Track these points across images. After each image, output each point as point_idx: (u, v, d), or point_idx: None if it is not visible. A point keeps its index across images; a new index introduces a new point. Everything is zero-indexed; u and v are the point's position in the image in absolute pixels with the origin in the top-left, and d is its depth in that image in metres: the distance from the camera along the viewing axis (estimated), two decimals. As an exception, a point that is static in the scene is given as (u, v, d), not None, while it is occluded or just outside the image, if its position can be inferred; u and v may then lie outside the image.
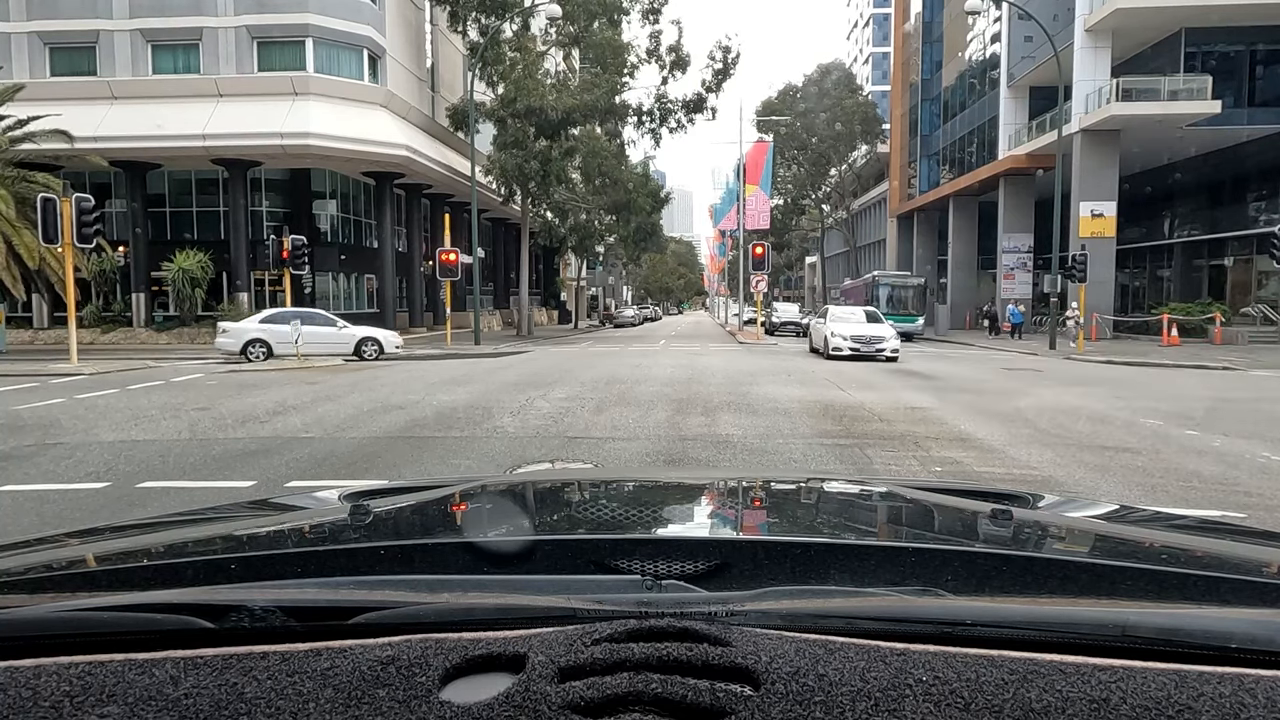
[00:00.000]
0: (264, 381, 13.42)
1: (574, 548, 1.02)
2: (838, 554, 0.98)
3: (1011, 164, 33.07)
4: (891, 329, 19.60)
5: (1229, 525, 1.27)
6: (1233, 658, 0.65)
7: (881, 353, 18.28)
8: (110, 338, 25.69)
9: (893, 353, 18.33)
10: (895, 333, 19.30)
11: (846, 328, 19.22)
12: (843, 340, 18.63)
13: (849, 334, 18.79)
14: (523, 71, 28.27)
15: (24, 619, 0.73)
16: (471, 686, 0.62)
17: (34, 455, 6.92)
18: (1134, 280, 34.39)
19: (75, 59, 27.47)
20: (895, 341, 18.66)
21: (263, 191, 29.88)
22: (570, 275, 53.92)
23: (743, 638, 0.65)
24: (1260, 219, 26.66)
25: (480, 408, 9.96)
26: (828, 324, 20.01)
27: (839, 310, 22.31)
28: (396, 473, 6.31)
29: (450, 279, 24.48)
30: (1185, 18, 26.11)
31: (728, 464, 6.59)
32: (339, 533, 1.20)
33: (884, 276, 35.25)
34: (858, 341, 18.51)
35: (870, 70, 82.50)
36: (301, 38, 27.07)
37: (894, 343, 18.58)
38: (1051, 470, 6.50)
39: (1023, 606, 0.81)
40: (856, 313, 21.34)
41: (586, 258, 46.98)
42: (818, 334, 21.04)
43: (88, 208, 15.70)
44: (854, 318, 20.50)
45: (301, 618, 0.72)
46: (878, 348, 18.33)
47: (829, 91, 52.09)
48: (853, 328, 19.21)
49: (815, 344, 21.30)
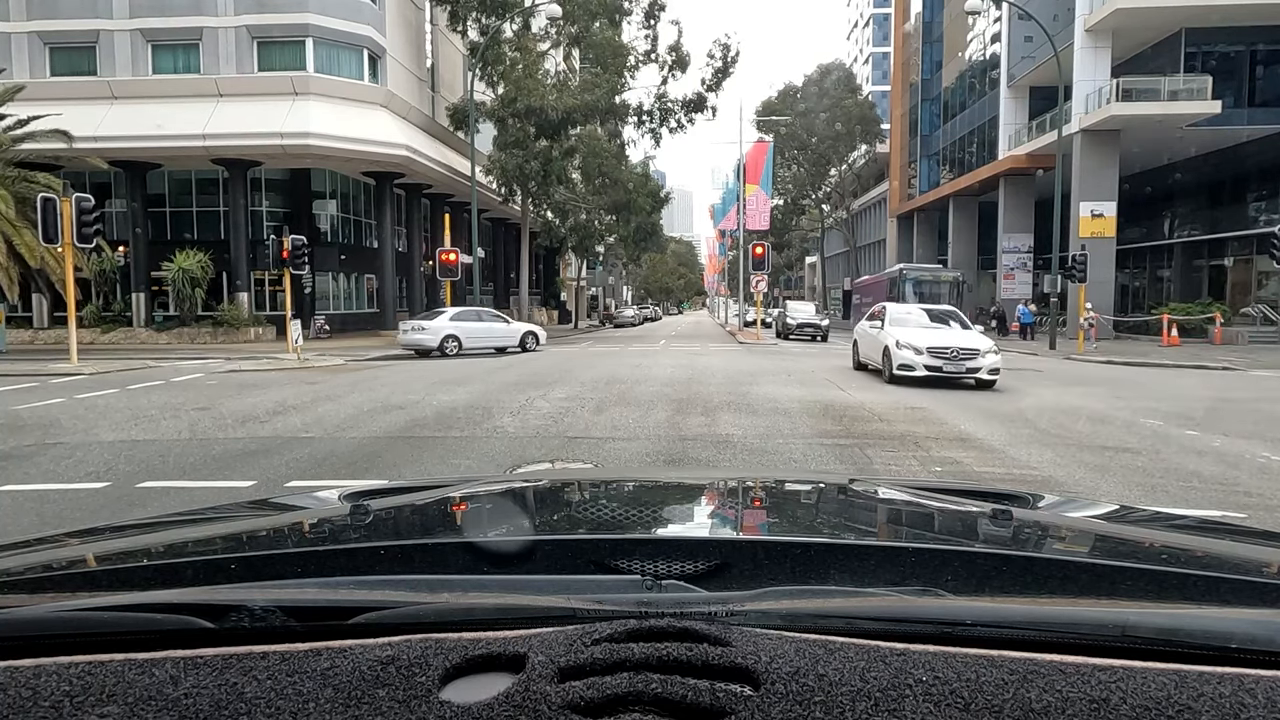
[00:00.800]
0: (264, 381, 13.42)
1: (574, 548, 1.02)
2: (838, 554, 0.98)
3: (1011, 164, 33.08)
4: (983, 337, 13.90)
5: (1229, 525, 1.27)
6: (1233, 658, 0.65)
7: (974, 373, 12.40)
8: (110, 338, 25.70)
9: (991, 373, 12.36)
10: (991, 343, 13.24)
11: (917, 335, 13.26)
12: (913, 354, 12.71)
13: (923, 344, 12.77)
14: (523, 71, 28.28)
15: (24, 619, 0.73)
16: (471, 686, 0.62)
17: (34, 455, 6.92)
18: (1134, 280, 34.39)
19: (75, 59, 27.47)
20: (994, 357, 12.53)
21: (263, 191, 29.89)
22: (570, 275, 53.93)
23: (743, 638, 0.65)
24: (1260, 219, 26.66)
25: (480, 408, 9.96)
26: (888, 329, 13.95)
27: (899, 309, 15.49)
28: (396, 473, 6.30)
29: (450, 279, 24.49)
30: (1185, 18, 26.12)
31: (728, 464, 6.59)
32: (339, 533, 1.20)
33: (912, 270, 29.87)
34: (938, 356, 12.55)
35: (870, 70, 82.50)
36: (301, 38, 27.07)
37: (992, 358, 12.47)
38: (1051, 470, 6.50)
39: (1023, 606, 0.81)
40: (922, 313, 15.29)
41: (586, 258, 47.00)
42: (869, 343, 14.95)
43: (88, 207, 15.70)
44: (924, 320, 14.62)
45: (301, 618, 0.72)
46: (969, 366, 12.40)
47: (829, 91, 52.09)
48: (927, 335, 13.28)
49: (864, 356, 15.38)
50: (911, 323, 14.32)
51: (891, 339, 13.40)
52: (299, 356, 17.76)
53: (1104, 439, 8.04)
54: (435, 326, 20.81)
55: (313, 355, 18.94)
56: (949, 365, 12.48)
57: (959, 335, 13.34)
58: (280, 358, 18.25)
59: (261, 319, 27.61)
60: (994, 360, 12.49)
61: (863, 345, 15.57)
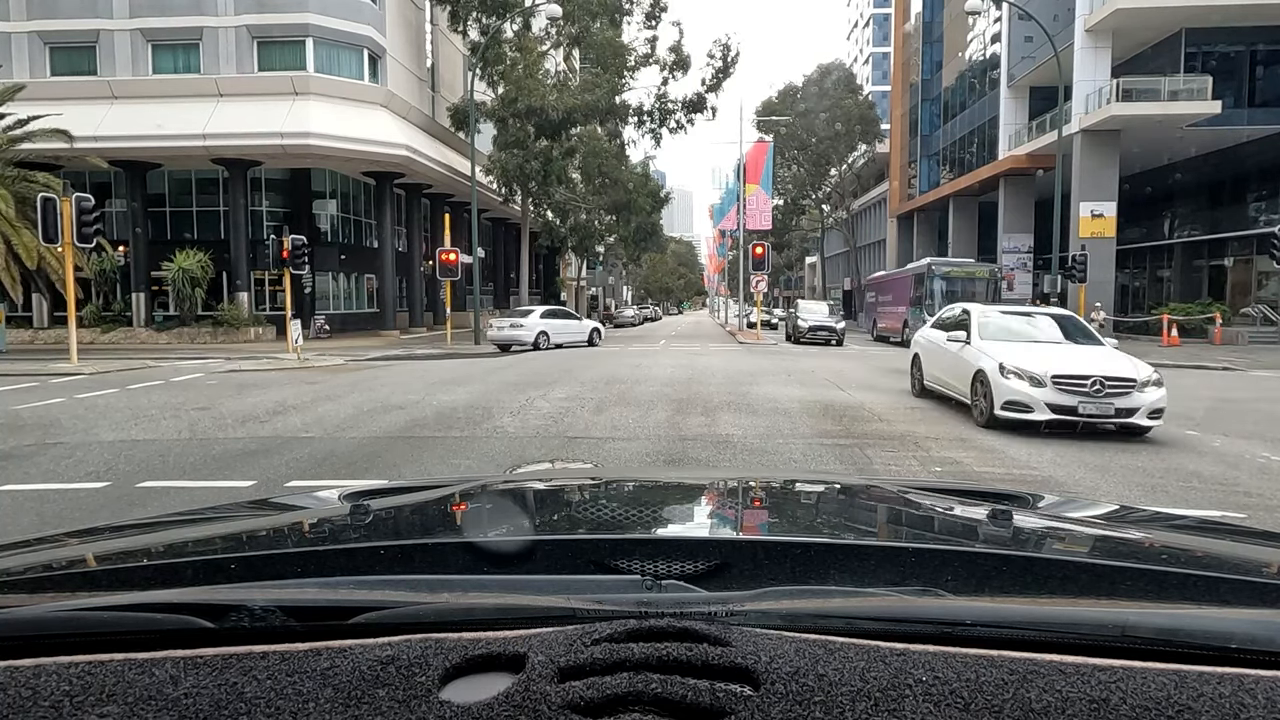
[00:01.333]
0: (264, 381, 13.42)
1: (574, 548, 1.02)
2: (838, 554, 0.98)
3: (1011, 164, 33.08)
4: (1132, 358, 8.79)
5: (1229, 525, 1.27)
6: (1233, 658, 0.65)
7: (1128, 415, 8.00)
8: (110, 337, 25.70)
9: (1151, 416, 8.03)
10: (1150, 368, 8.41)
11: (1034, 356, 8.65)
12: (1029, 386, 8.26)
13: (1044, 369, 8.29)
14: (523, 71, 28.28)
15: (24, 619, 0.73)
16: (471, 686, 0.62)
17: (34, 455, 6.92)
18: (1134, 280, 34.39)
19: (75, 59, 27.47)
20: (1156, 391, 8.11)
21: (263, 191, 29.90)
22: (570, 275, 53.96)
23: (742, 638, 0.65)
24: (1260, 219, 26.66)
25: (480, 407, 9.96)
26: (979, 343, 9.43)
27: (989, 313, 10.32)
28: (396, 473, 6.30)
29: (450, 279, 24.49)
30: (1185, 18, 26.12)
31: (728, 464, 6.59)
32: (339, 533, 1.20)
33: (941, 264, 26.15)
34: (1072, 389, 8.09)
35: (870, 70, 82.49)
36: (301, 37, 27.08)
37: (1154, 393, 8.08)
38: (1051, 470, 6.51)
39: (1023, 606, 0.81)
40: (1024, 318, 10.25)
41: (586, 258, 47.02)
42: (944, 362, 10.32)
43: (88, 207, 15.70)
44: (1030, 329, 9.84)
45: (301, 617, 0.72)
46: (1120, 406, 8.00)
47: (829, 92, 52.08)
48: (1048, 356, 8.68)
49: (934, 379, 10.79)
50: (1015, 334, 9.56)
51: (990, 359, 8.71)
52: (299, 356, 17.76)
53: (1104, 438, 8.04)
54: (530, 324, 23.03)
55: (313, 355, 18.94)
56: (1089, 404, 7.93)
57: (1096, 356, 8.62)
58: (280, 357, 18.24)
59: (261, 319, 27.61)
60: (1155, 396, 8.01)
61: (931, 362, 10.87)
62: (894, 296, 29.20)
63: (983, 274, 25.74)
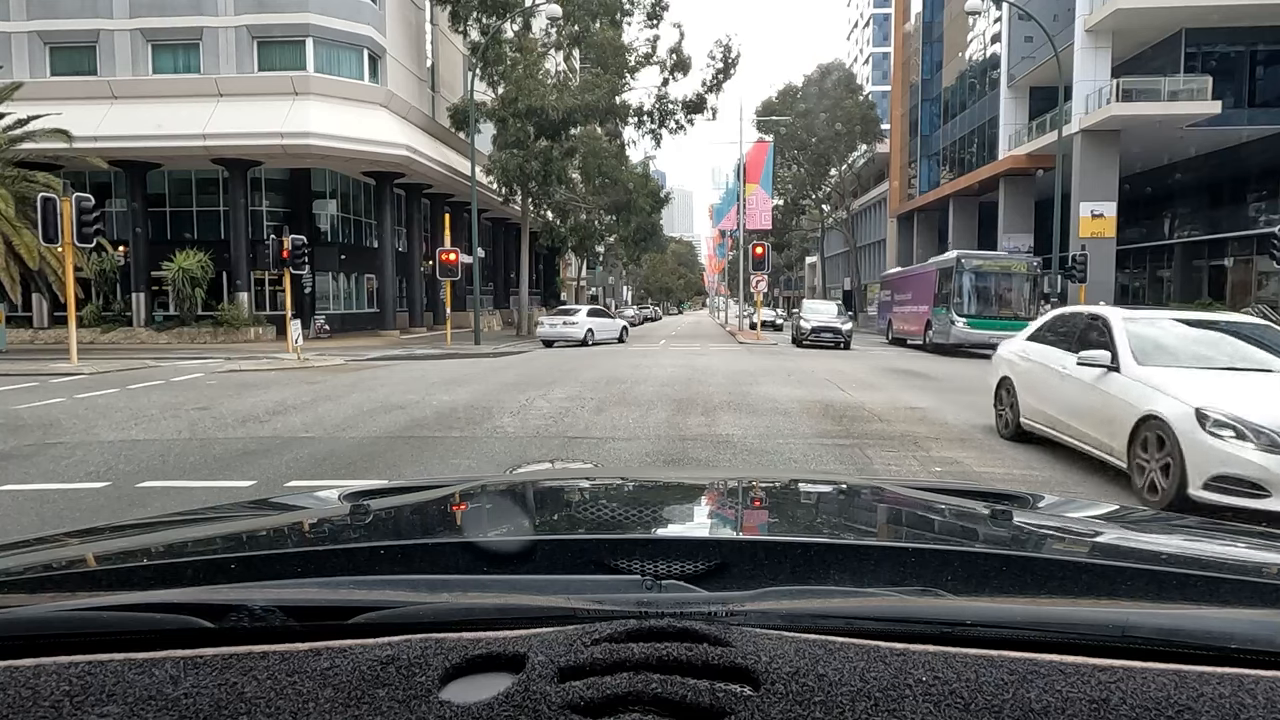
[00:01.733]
0: (264, 381, 13.42)
1: (574, 548, 1.02)
2: (838, 554, 0.98)
3: (1011, 164, 33.08)
4: None
5: (1229, 525, 1.27)
6: (1233, 658, 0.65)
7: None
8: (110, 337, 25.70)
9: None
10: None
11: (1250, 398, 5.10)
12: (1260, 454, 4.70)
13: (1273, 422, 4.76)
14: (523, 71, 28.28)
15: (24, 619, 0.73)
16: (471, 686, 0.62)
17: (34, 455, 6.92)
18: (1134, 281, 34.40)
19: (75, 58, 27.47)
20: None
21: (263, 191, 29.89)
22: (570, 275, 53.95)
23: (743, 638, 0.65)
24: (1260, 219, 26.66)
25: (480, 408, 9.96)
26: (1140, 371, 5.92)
27: (1151, 328, 6.49)
28: (396, 473, 6.30)
29: (450, 279, 24.48)
30: (1185, 18, 26.13)
31: (728, 464, 6.59)
32: (339, 533, 1.20)
33: (972, 258, 23.46)
34: None
35: (870, 70, 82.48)
36: (301, 37, 27.07)
37: None
38: (1051, 470, 6.50)
39: (1023, 607, 0.81)
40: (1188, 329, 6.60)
41: (586, 258, 47.01)
42: (1066, 395, 6.84)
43: (88, 207, 15.70)
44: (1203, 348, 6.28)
45: (301, 617, 0.72)
46: None
47: (829, 92, 52.07)
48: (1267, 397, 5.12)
49: (1049, 422, 7.20)
50: (1192, 357, 6.15)
51: (1172, 400, 5.39)
52: (299, 356, 17.75)
53: (1104, 439, 8.02)
54: (580, 321, 25.33)
55: (313, 355, 18.94)
56: None
57: None
58: (280, 357, 18.24)
59: (261, 319, 27.62)
60: None
61: (1033, 391, 7.59)
62: (914, 295, 26.81)
63: (1020, 268, 22.84)
